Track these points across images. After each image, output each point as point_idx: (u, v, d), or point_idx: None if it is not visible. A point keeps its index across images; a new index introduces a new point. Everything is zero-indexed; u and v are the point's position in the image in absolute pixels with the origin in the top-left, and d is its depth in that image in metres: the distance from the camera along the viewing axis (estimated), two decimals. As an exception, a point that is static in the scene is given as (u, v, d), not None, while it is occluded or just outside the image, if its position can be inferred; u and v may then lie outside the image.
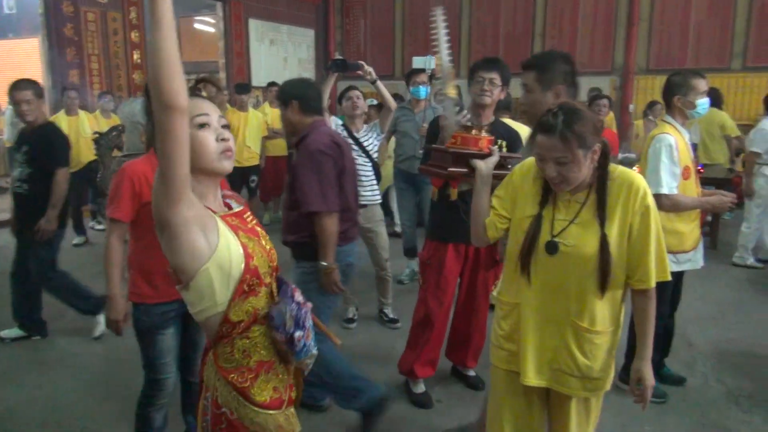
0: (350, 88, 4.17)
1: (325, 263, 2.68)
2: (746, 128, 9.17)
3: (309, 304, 1.59)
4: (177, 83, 1.24)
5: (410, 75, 4.95)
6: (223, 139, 1.48)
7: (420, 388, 3.29)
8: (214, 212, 1.46)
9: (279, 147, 7.62)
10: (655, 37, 9.91)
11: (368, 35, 12.04)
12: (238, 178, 6.79)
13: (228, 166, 1.49)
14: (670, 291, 3.23)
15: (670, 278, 1.82)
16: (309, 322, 1.52)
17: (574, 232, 1.78)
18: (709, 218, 6.58)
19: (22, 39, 12.75)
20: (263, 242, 1.55)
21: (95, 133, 5.79)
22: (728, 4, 9.40)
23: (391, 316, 4.39)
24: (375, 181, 4.21)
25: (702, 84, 3.05)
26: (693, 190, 3.09)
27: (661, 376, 3.38)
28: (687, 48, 9.72)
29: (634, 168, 2.90)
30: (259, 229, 1.60)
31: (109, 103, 7.20)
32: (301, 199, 2.67)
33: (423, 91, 4.85)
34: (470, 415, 3.02)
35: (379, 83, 3.95)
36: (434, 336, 3.21)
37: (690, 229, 3.11)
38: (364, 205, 4.11)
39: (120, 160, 5.01)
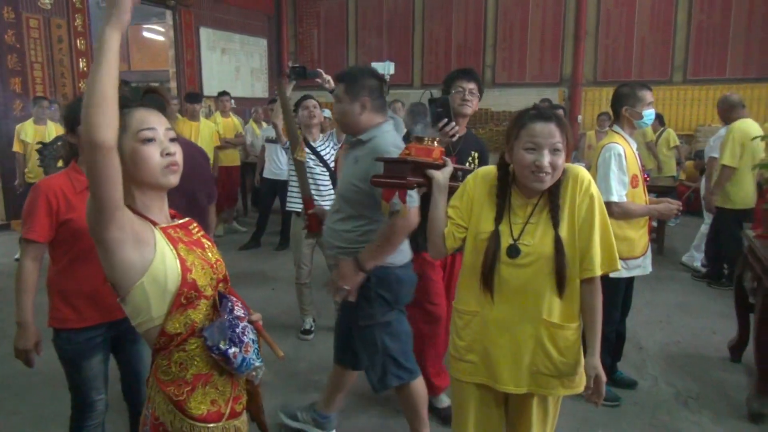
0: (306, 97, 4.13)
1: None
2: (687, 138, 9.62)
3: (256, 317, 1.59)
4: (108, 119, 1.23)
5: None
6: (168, 154, 1.46)
7: (444, 401, 3.13)
8: (156, 224, 1.46)
9: (231, 157, 7.53)
10: (601, 50, 10.25)
11: (321, 45, 12.04)
12: (190, 189, 6.65)
13: (173, 180, 1.49)
14: (622, 296, 3.32)
15: (619, 268, 1.86)
16: (248, 336, 1.49)
17: (530, 231, 1.82)
18: (655, 224, 6.80)
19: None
20: (208, 254, 1.55)
21: (39, 143, 5.57)
22: (669, 20, 9.82)
23: None
24: (332, 191, 4.15)
25: (648, 95, 3.17)
26: (641, 197, 3.20)
27: (614, 380, 3.46)
28: (631, 61, 10.09)
29: None
30: (204, 240, 1.59)
31: (56, 112, 6.95)
32: None
33: None
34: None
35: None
36: (439, 342, 3.05)
37: (639, 235, 3.20)
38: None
39: (66, 171, 4.83)
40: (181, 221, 1.57)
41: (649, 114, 3.16)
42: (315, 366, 3.79)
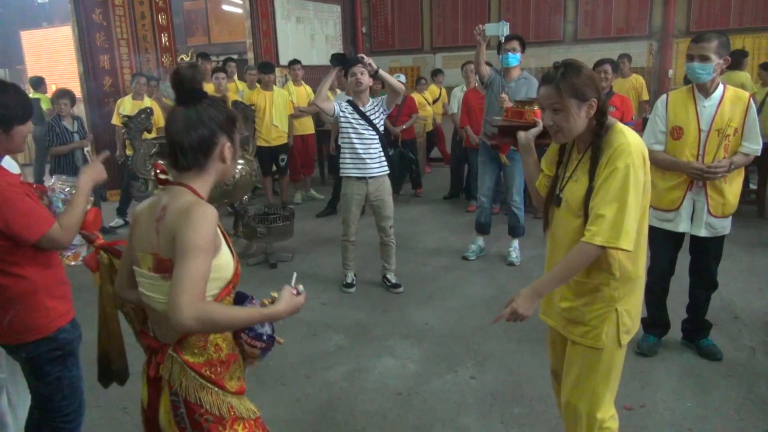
0: (353, 63, 4.19)
1: None
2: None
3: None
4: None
5: (500, 44, 4.78)
6: None
7: None
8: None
9: (306, 125, 7.58)
10: (695, -3, 9.46)
11: (395, 9, 11.82)
12: (267, 158, 6.79)
13: None
14: (661, 246, 3.26)
15: (625, 247, 1.76)
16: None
17: (570, 188, 1.92)
18: (754, 186, 6.32)
19: (54, 28, 12.99)
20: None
21: (124, 116, 5.82)
22: (774, -41, 8.90)
23: (393, 281, 4.51)
24: (382, 153, 4.32)
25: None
26: (682, 152, 3.05)
27: (698, 347, 3.38)
28: (730, 7, 9.26)
29: None
30: None
31: (143, 86, 7.21)
32: None
33: (512, 59, 4.68)
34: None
35: (382, 72, 4.11)
36: None
37: (667, 187, 3.14)
38: (374, 177, 4.29)
39: (150, 143, 5.02)
40: None
41: (689, 66, 2.99)
42: (389, 332, 3.80)
